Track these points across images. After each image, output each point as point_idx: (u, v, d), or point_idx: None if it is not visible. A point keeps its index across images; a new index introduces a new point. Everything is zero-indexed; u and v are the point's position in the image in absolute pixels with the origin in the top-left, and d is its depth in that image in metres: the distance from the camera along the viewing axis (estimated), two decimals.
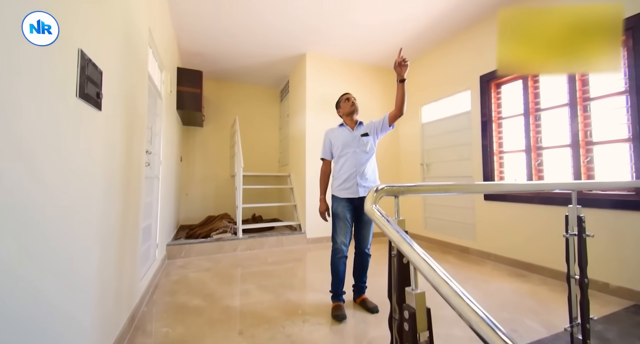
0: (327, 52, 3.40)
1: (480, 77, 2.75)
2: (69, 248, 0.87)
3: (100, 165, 1.09)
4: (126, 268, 1.42)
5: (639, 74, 1.70)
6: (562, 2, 1.88)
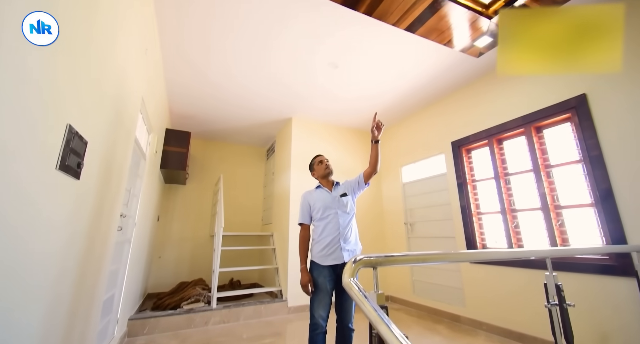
0: (312, 116, 3.68)
1: (451, 143, 3.00)
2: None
3: (61, 232, 1.02)
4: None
5: (589, 146, 1.92)
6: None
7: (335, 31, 2.14)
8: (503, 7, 1.89)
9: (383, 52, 2.40)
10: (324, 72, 2.67)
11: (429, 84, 2.88)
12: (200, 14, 1.99)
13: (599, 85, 1.91)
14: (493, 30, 2.07)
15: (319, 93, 3.07)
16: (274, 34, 2.20)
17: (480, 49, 2.30)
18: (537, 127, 2.30)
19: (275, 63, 2.53)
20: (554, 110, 2.12)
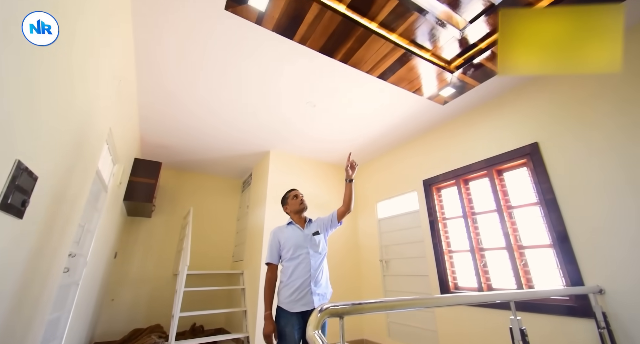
0: (290, 150, 3.72)
1: (423, 181, 3.12)
2: None
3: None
4: None
5: (543, 190, 2.07)
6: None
7: (314, 73, 2.27)
8: (462, 64, 2.12)
9: (359, 95, 2.55)
10: (302, 109, 2.77)
11: (401, 126, 3.06)
12: (177, 47, 2.04)
13: (549, 135, 2.13)
14: (455, 82, 2.30)
15: (297, 129, 3.15)
16: (254, 72, 2.28)
17: (445, 98, 2.53)
18: (498, 169, 2.47)
19: (254, 98, 2.60)
20: (512, 156, 2.31)
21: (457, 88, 2.37)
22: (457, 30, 1.86)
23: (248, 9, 1.64)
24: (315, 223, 1.89)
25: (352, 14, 1.77)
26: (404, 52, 1.99)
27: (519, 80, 2.31)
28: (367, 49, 1.98)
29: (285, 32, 1.82)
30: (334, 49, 1.98)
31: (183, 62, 2.15)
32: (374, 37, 1.87)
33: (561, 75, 2.11)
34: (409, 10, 1.71)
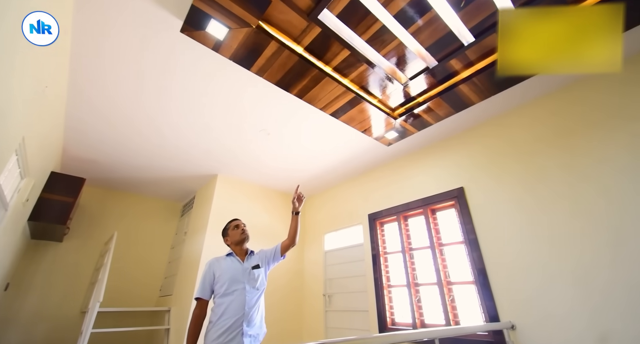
0: (239, 176, 3.60)
1: (368, 215, 3.25)
2: None
3: None
4: None
5: (467, 230, 2.31)
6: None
7: (271, 102, 2.31)
8: (404, 113, 2.37)
9: (312, 128, 2.64)
10: (256, 136, 2.76)
11: (350, 161, 3.22)
12: (122, 60, 1.93)
13: (472, 181, 2.43)
14: (398, 128, 2.54)
15: (248, 155, 3.10)
16: (210, 93, 2.24)
17: (390, 140, 2.76)
18: (432, 209, 2.70)
19: (207, 119, 2.52)
20: (444, 197, 2.57)
21: (399, 133, 2.61)
22: (400, 84, 2.11)
23: (205, 35, 1.65)
24: (257, 255, 1.81)
25: (309, 56, 1.90)
26: (355, 96, 2.16)
27: (450, 130, 2.65)
28: (321, 89, 2.10)
29: (243, 62, 1.86)
30: (290, 84, 2.06)
31: (128, 76, 2.01)
32: (328, 79, 2.00)
33: (486, 127, 2.49)
34: (359, 61, 1.90)
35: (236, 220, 1.84)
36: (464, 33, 1.65)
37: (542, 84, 2.04)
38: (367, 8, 1.56)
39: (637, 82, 1.75)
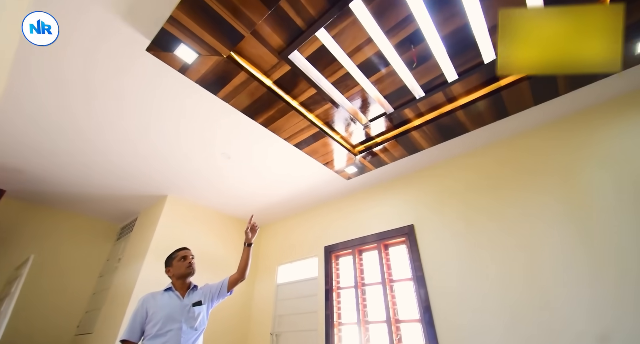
0: (193, 198, 3.39)
1: (324, 247, 3.22)
2: None
3: None
4: None
5: (416, 267, 2.40)
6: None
7: (236, 127, 2.29)
8: (363, 151, 2.52)
9: (275, 157, 2.65)
10: (215, 159, 2.67)
11: (310, 191, 3.24)
12: (66, 64, 1.80)
13: (422, 219, 2.58)
14: (358, 164, 2.67)
15: (205, 178, 2.97)
16: (170, 110, 2.16)
17: (349, 175, 2.87)
18: (385, 244, 2.78)
19: (166, 137, 2.40)
20: (396, 233, 2.67)
21: (358, 169, 2.74)
22: (361, 124, 2.26)
23: (172, 57, 1.64)
24: (201, 290, 1.66)
25: (277, 89, 1.97)
26: (319, 130, 2.25)
27: (404, 170, 2.84)
28: (287, 120, 2.16)
29: (209, 87, 1.86)
30: (256, 113, 2.09)
31: (75, 82, 1.88)
32: (294, 112, 2.08)
33: (434, 170, 2.71)
34: (324, 100, 2.02)
35: (185, 250, 1.69)
36: (416, 88, 1.87)
37: (479, 138, 2.34)
38: (333, 55, 1.70)
39: (561, 144, 2.09)
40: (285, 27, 1.53)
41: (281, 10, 1.45)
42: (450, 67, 1.70)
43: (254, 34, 1.57)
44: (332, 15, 1.45)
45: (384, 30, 1.54)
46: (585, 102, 1.94)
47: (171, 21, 1.45)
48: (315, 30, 1.53)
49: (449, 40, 1.55)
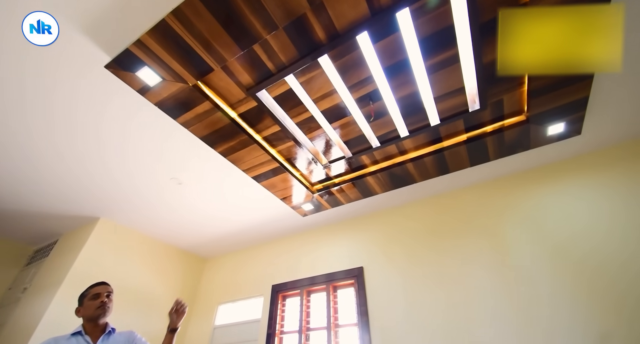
0: (129, 224, 3.05)
1: (272, 286, 3.04)
2: None
3: None
4: None
5: (361, 312, 2.36)
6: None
7: (191, 152, 2.19)
8: (321, 189, 2.56)
9: (230, 187, 2.56)
10: (163, 184, 2.50)
11: (263, 225, 3.13)
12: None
13: (371, 262, 2.62)
14: (315, 201, 2.69)
15: (149, 202, 2.72)
16: (116, 128, 2.02)
17: (306, 212, 2.86)
18: (334, 286, 2.73)
19: (103, 152, 2.20)
20: (345, 275, 2.65)
21: (315, 206, 2.75)
22: (321, 165, 2.33)
23: (132, 77, 1.58)
24: (121, 336, 1.43)
25: (242, 122, 1.98)
26: (279, 166, 2.26)
27: (358, 211, 2.93)
28: (248, 153, 2.15)
29: (169, 111, 1.81)
30: (216, 142, 2.05)
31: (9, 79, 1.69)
32: (256, 146, 2.08)
33: (386, 215, 2.83)
34: (287, 138, 2.07)
35: (100, 286, 1.46)
36: (373, 138, 2.02)
37: (425, 189, 2.54)
38: (300, 99, 1.79)
39: (490, 202, 2.35)
40: (256, 68, 1.60)
41: (254, 53, 1.52)
42: (403, 125, 1.89)
43: (223, 68, 1.60)
44: (302, 66, 1.56)
45: (347, 85, 1.69)
46: (511, 168, 2.27)
47: (138, 44, 1.42)
48: (284, 75, 1.62)
49: (402, 102, 1.75)
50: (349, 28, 1.39)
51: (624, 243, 1.75)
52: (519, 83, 1.61)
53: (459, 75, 1.59)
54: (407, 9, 1.31)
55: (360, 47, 1.50)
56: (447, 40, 1.44)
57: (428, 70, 1.58)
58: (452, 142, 1.96)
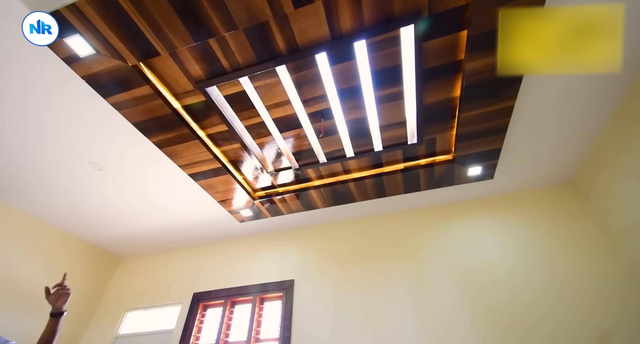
0: (30, 208, 2.57)
1: (193, 294, 2.81)
2: None
3: None
4: None
5: (285, 326, 2.32)
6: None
7: (118, 136, 1.96)
8: (263, 197, 2.50)
9: (160, 180, 2.34)
10: (80, 168, 2.17)
11: (193, 227, 2.91)
12: None
13: (303, 275, 2.60)
14: (255, 208, 2.60)
15: (59, 186, 2.34)
16: (22, 91, 1.70)
17: (243, 218, 2.75)
18: (262, 298, 2.64)
19: (8, 120, 1.83)
20: (275, 287, 2.59)
21: (254, 213, 2.67)
22: (266, 172, 2.28)
23: (58, 42, 1.37)
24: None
25: (185, 114, 1.84)
26: (221, 166, 2.15)
27: (297, 223, 2.91)
28: (187, 148, 2.00)
29: (99, 89, 1.60)
30: (150, 131, 1.87)
31: None
32: (198, 142, 1.95)
33: (323, 229, 2.86)
34: (234, 139, 1.99)
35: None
36: (320, 153, 2.06)
37: (363, 209, 2.66)
38: (252, 103, 1.75)
39: (416, 228, 2.55)
40: (209, 62, 1.52)
41: (208, 47, 1.44)
42: (349, 146, 1.97)
43: (172, 55, 1.49)
44: (258, 71, 1.53)
45: (302, 98, 1.71)
46: (437, 199, 2.52)
47: (72, 8, 1.24)
48: (239, 76, 1.57)
49: (351, 124, 1.83)
50: (309, 45, 1.43)
51: (526, 279, 2.03)
52: (450, 126, 1.82)
53: (403, 110, 1.74)
54: (364, 41, 1.40)
55: (318, 66, 1.54)
56: (395, 77, 1.57)
57: (377, 100, 1.69)
58: (391, 169, 2.11)
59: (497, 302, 2.00)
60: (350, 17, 1.31)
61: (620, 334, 1.70)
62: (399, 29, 1.35)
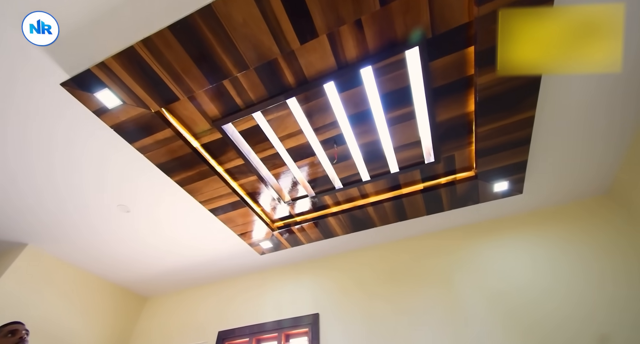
0: (60, 253, 2.68)
1: (218, 332, 2.73)
2: None
3: None
4: None
5: None
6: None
7: (142, 178, 2.05)
8: (282, 227, 2.48)
9: (184, 219, 2.39)
10: (108, 211, 2.27)
11: (215, 262, 2.90)
12: None
13: (328, 308, 2.47)
14: (274, 239, 2.57)
15: (90, 231, 2.44)
16: (55, 139, 1.85)
17: (264, 250, 2.71)
18: (287, 334, 2.51)
19: (39, 168, 1.98)
20: (299, 322, 2.46)
21: (274, 245, 2.63)
22: (284, 202, 2.28)
23: (89, 97, 1.51)
24: None
25: (204, 152, 1.92)
26: (239, 200, 2.18)
27: (318, 253, 2.83)
28: (207, 184, 2.05)
29: (126, 135, 1.72)
30: (173, 171, 1.95)
31: None
32: (217, 177, 2.00)
33: (346, 257, 2.75)
34: (250, 172, 2.03)
35: (16, 324, 1.28)
36: (336, 180, 2.05)
37: (384, 234, 2.54)
38: (266, 136, 1.80)
39: (444, 250, 2.40)
40: (224, 102, 1.61)
41: (223, 87, 1.53)
42: (365, 169, 1.95)
43: (190, 98, 1.59)
44: (270, 105, 1.60)
45: (313, 127, 1.74)
46: (463, 220, 2.39)
47: (101, 66, 1.38)
48: (252, 111, 1.64)
49: (365, 148, 1.83)
50: (317, 76, 1.48)
51: (559, 299, 1.84)
52: (468, 142, 1.77)
53: (416, 129, 1.72)
54: (370, 67, 1.43)
55: (327, 95, 1.58)
56: (405, 98, 1.58)
57: (388, 122, 1.69)
58: (410, 190, 2.04)
59: (534, 324, 1.78)
60: (355, 47, 1.37)
61: None
62: (404, 52, 1.38)
